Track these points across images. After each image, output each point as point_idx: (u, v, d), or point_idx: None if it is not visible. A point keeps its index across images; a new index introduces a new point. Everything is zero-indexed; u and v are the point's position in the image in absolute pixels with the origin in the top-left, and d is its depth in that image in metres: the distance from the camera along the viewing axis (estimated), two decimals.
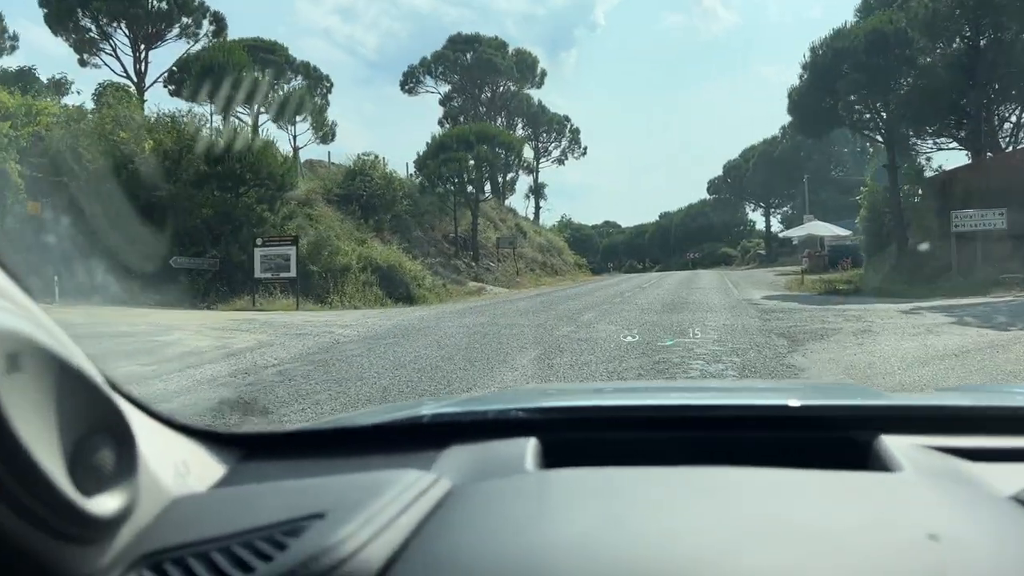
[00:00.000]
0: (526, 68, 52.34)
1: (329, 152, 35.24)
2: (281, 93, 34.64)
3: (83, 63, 38.87)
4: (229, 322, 13.68)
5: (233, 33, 43.99)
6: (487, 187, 42.47)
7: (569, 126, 64.17)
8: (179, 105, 28.33)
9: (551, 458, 1.00)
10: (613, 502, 0.78)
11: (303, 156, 40.45)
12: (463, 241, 37.50)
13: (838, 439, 1.06)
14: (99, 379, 0.72)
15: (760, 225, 76.01)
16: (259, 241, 19.19)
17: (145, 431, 0.83)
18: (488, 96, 55.90)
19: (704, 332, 11.11)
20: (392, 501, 0.76)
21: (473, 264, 36.58)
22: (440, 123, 53.17)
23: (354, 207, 30.04)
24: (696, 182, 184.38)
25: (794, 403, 1.19)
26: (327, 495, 0.80)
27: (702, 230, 79.39)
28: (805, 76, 24.97)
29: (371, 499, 0.75)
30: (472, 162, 36.41)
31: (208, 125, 22.49)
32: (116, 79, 36.77)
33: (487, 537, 0.72)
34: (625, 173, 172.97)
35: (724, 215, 76.97)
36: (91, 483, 0.67)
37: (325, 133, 35.06)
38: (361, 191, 30.80)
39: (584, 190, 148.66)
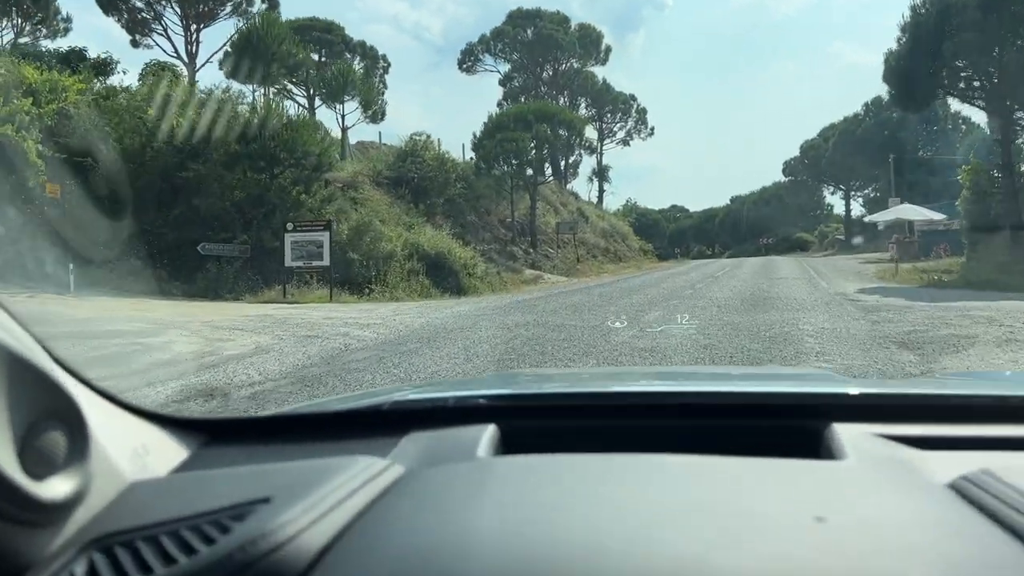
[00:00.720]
0: (590, 43, 49.71)
1: (380, 132, 33.55)
2: (331, 72, 32.91)
3: (135, 44, 38.13)
4: (240, 318, 12.00)
5: (299, 16, 43.09)
6: (547, 169, 40.39)
7: (635, 105, 61.42)
8: (232, 88, 27.11)
9: (512, 445, 1.00)
10: (556, 488, 0.79)
11: (355, 137, 39.04)
12: (520, 226, 35.45)
13: (794, 427, 1.06)
14: (50, 366, 0.73)
15: (838, 209, 71.97)
16: (290, 226, 17.52)
17: (104, 417, 0.84)
18: (550, 75, 53.56)
19: (801, 340, 8.85)
20: (339, 486, 0.76)
21: (531, 251, 34.52)
22: (500, 105, 51.22)
23: (404, 190, 28.34)
24: (769, 164, 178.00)
25: (752, 391, 1.25)
26: (276, 480, 0.80)
27: (776, 214, 75.57)
28: (904, 39, 22.02)
29: (318, 484, 0.76)
30: (532, 142, 34.17)
31: (249, 102, 20.93)
32: (169, 60, 35.88)
33: (427, 522, 0.72)
34: (693, 155, 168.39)
35: (800, 198, 73.01)
36: (41, 468, 0.68)
37: (375, 112, 33.30)
38: (412, 173, 29.07)
39: (649, 173, 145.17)
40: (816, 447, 0.99)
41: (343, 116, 33.11)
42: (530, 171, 35.47)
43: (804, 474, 0.85)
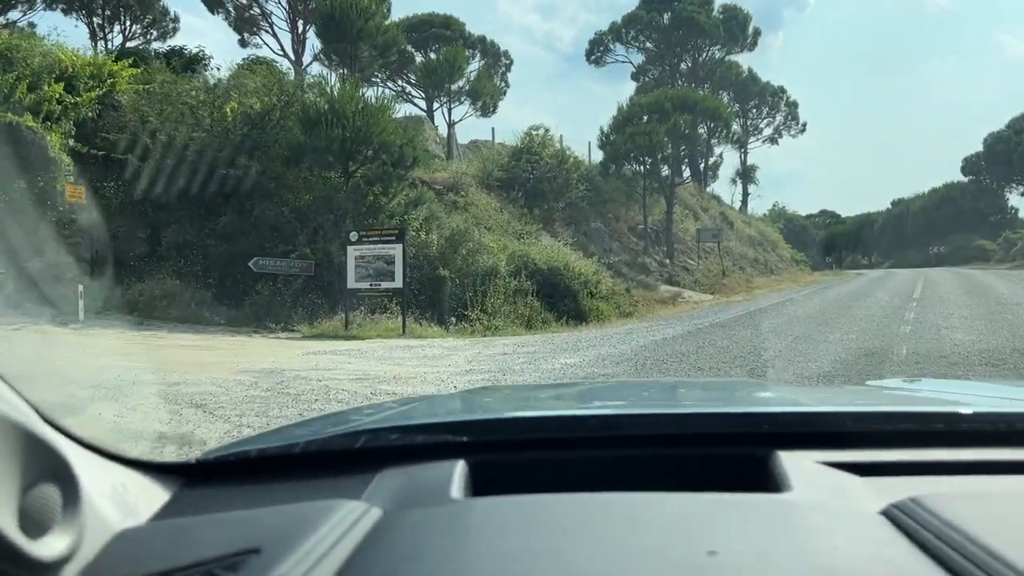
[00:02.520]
0: (736, 26, 43.74)
1: (493, 128, 29.49)
2: (437, 58, 29.08)
3: (243, 43, 36.11)
4: (233, 377, 7.97)
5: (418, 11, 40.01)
6: (684, 169, 35.18)
7: (785, 98, 54.83)
8: (315, 73, 23.86)
9: (480, 478, 1.03)
10: (532, 533, 0.81)
11: (468, 136, 35.31)
12: (654, 234, 30.45)
13: (745, 455, 1.08)
14: (40, 426, 0.75)
15: None
16: (354, 236, 13.51)
17: (88, 466, 0.85)
18: (688, 66, 48.03)
19: None
20: (325, 534, 0.78)
21: (666, 262, 29.44)
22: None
23: (516, 193, 24.14)
24: (934, 165, 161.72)
25: (698, 412, 1.30)
26: (262, 528, 0.81)
27: (948, 219, 66.49)
28: None
29: (304, 532, 0.78)
30: (666, 137, 29.06)
31: (316, 84, 17.27)
32: (276, 59, 33.43)
33: (410, 571, 0.74)
34: (843, 158, 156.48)
35: (979, 201, 63.62)
36: (38, 527, 0.70)
37: (484, 103, 29.23)
38: (526, 173, 24.82)
39: (791, 178, 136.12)
40: (763, 475, 1.01)
41: (450, 110, 29.24)
42: (666, 169, 30.45)
43: (757, 509, 0.87)
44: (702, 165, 45.43)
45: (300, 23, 35.02)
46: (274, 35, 35.42)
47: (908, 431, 1.14)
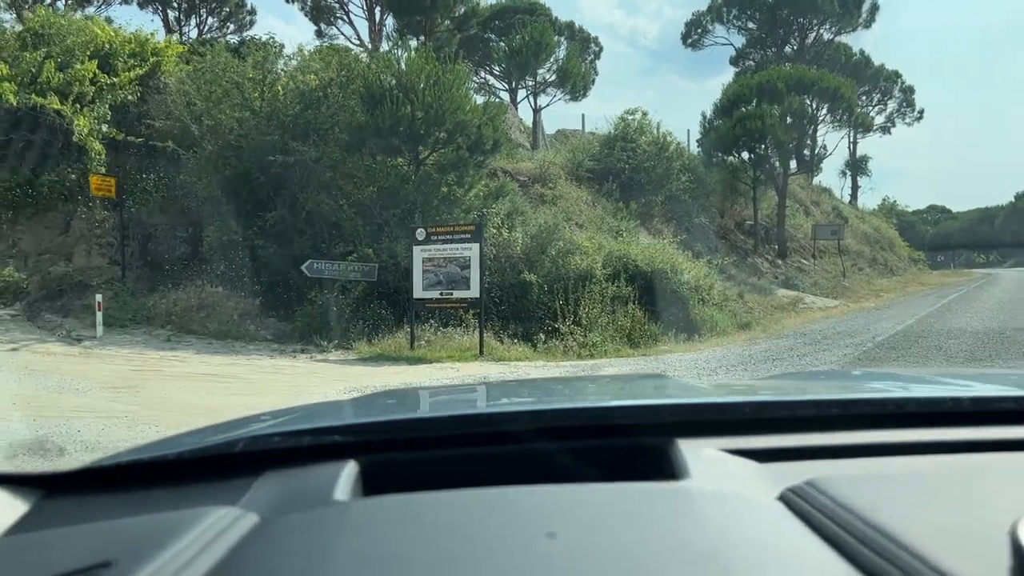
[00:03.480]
0: (850, 1, 39.70)
1: (583, 115, 26.70)
2: (521, 37, 26.46)
3: (320, 34, 34.62)
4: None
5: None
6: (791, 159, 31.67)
7: (900, 83, 50.23)
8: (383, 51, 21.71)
9: (372, 479, 0.98)
10: (418, 534, 0.78)
11: (555, 126, 32.69)
12: (764, 232, 27.12)
13: (643, 446, 1.07)
14: None
15: None
16: (421, 233, 11.06)
17: None
18: (793, 48, 44.09)
19: None
20: (188, 544, 0.72)
21: (779, 263, 26.14)
22: None
23: (611, 185, 21.42)
24: None
25: (592, 407, 1.22)
26: (119, 540, 0.76)
27: None
28: None
29: (164, 543, 0.72)
30: (782, 121, 25.70)
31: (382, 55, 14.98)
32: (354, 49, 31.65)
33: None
34: (954, 150, 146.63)
35: None
36: None
37: (574, 85, 26.49)
38: (622, 163, 22.07)
39: (896, 172, 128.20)
40: (665, 465, 0.98)
41: (535, 95, 26.62)
42: (776, 160, 27.06)
43: (649, 497, 0.85)
44: (807, 155, 41.59)
45: (377, 10, 33.23)
46: (350, 23, 33.81)
47: (805, 416, 1.13)
